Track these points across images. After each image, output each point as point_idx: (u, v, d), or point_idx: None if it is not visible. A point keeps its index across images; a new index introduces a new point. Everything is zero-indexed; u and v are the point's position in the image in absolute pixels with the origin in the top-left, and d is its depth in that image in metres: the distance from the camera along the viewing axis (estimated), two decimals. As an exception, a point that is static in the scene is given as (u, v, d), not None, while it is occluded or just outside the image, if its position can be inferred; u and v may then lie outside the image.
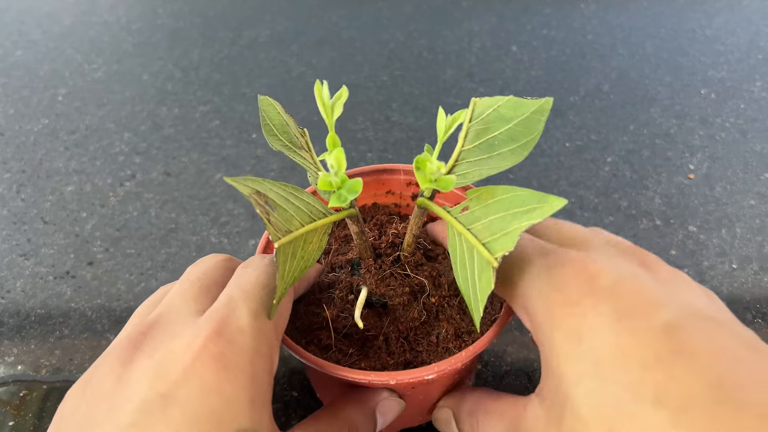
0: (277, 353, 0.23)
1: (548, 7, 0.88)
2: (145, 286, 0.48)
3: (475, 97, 0.27)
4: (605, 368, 0.19)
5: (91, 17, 0.87)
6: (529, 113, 0.26)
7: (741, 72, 0.73)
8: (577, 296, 0.21)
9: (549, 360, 0.21)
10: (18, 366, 0.42)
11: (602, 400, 0.18)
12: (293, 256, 0.23)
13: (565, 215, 0.54)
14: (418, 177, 0.24)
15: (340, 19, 0.85)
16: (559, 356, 0.20)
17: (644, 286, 0.21)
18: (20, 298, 0.47)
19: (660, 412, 0.17)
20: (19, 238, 0.52)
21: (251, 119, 0.66)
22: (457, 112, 0.26)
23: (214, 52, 0.78)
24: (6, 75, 0.74)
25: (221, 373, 0.19)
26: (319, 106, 0.25)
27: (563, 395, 0.20)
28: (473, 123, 0.27)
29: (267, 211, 0.23)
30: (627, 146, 0.62)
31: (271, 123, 0.29)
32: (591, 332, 0.20)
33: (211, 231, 0.52)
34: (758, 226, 0.52)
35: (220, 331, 0.21)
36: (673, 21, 0.84)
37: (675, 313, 0.19)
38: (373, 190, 0.37)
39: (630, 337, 0.19)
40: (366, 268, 0.29)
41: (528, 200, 0.22)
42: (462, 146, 0.27)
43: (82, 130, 0.65)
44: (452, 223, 0.25)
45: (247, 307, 0.22)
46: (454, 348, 0.28)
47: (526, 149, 0.26)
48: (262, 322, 0.22)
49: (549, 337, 0.21)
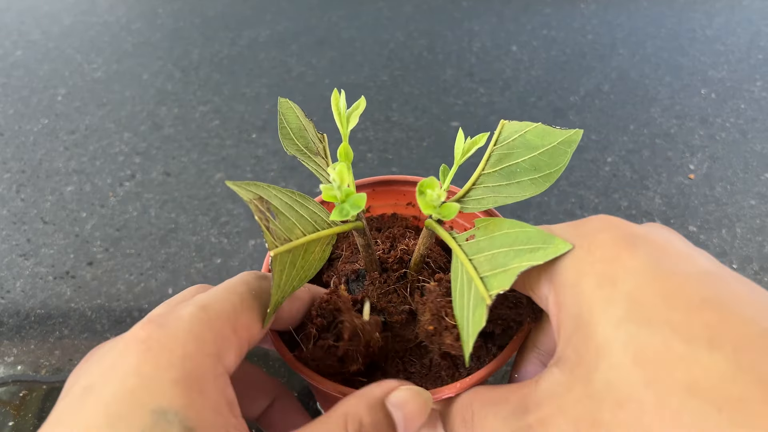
0: (231, 346, 0.21)
1: (548, 7, 0.88)
2: (144, 286, 0.48)
3: (504, 120, 0.26)
4: (648, 310, 0.17)
5: (91, 17, 0.87)
6: (556, 143, 0.25)
7: (741, 72, 0.73)
8: (608, 242, 0.19)
9: (575, 314, 0.19)
10: (18, 366, 0.42)
11: (647, 343, 0.17)
12: (292, 265, 0.23)
13: (565, 215, 0.54)
14: (420, 202, 0.23)
15: (340, 19, 0.85)
16: (591, 303, 0.18)
17: (674, 239, 0.20)
18: (20, 298, 0.47)
19: (716, 354, 0.16)
20: (19, 238, 0.52)
21: (251, 119, 0.66)
22: (477, 136, 0.25)
23: (214, 52, 0.78)
24: (6, 75, 0.74)
25: (142, 355, 0.19)
26: (335, 115, 0.25)
27: (595, 347, 0.18)
28: (497, 147, 0.26)
29: (267, 218, 0.22)
30: (627, 146, 0.62)
31: (288, 126, 0.29)
32: (627, 275, 0.18)
33: (211, 231, 0.52)
34: (758, 226, 0.52)
35: (151, 319, 0.20)
36: (673, 21, 0.84)
37: (710, 261, 0.19)
38: (394, 199, 0.37)
39: (671, 279, 0.18)
40: (371, 281, 0.29)
41: (534, 239, 0.21)
42: (482, 169, 0.26)
43: (81, 130, 0.65)
44: (456, 251, 0.24)
45: (199, 301, 0.21)
46: (446, 376, 0.27)
47: (548, 181, 0.25)
48: (211, 312, 0.21)
49: (575, 286, 0.19)
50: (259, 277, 0.24)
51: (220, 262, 0.50)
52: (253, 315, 0.22)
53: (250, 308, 0.22)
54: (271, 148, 0.61)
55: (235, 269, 0.49)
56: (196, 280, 0.48)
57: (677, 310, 0.17)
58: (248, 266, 0.49)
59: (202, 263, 0.50)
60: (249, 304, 0.22)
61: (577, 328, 0.19)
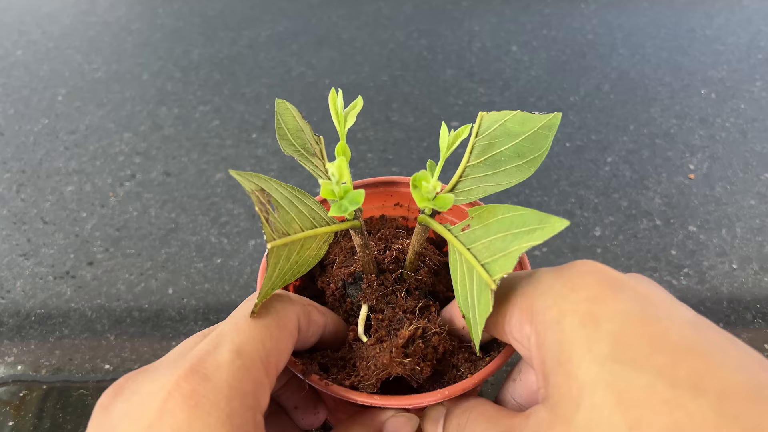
0: (265, 390, 0.22)
1: (548, 7, 0.88)
2: (145, 286, 0.48)
3: (482, 111, 0.27)
4: (633, 351, 0.17)
5: (91, 17, 0.87)
6: (536, 128, 0.25)
7: (741, 72, 0.73)
8: (593, 284, 0.20)
9: (556, 351, 0.19)
10: (18, 366, 0.42)
11: (631, 384, 0.16)
12: (286, 260, 0.23)
13: (565, 215, 0.54)
14: (415, 195, 0.24)
15: (340, 19, 0.85)
16: (573, 341, 0.18)
17: (658, 289, 0.20)
18: (20, 298, 0.47)
19: (700, 400, 0.16)
20: (19, 238, 0.52)
21: (251, 119, 0.66)
22: (461, 128, 0.25)
23: (214, 52, 0.78)
24: (6, 75, 0.74)
25: (192, 411, 0.19)
26: (332, 114, 0.25)
27: (577, 385, 0.18)
28: (479, 138, 0.26)
29: (267, 210, 0.22)
30: (627, 146, 0.62)
31: (285, 127, 0.29)
32: (612, 315, 0.18)
33: (211, 231, 0.52)
34: (758, 226, 0.52)
35: (194, 369, 0.20)
36: (673, 21, 0.84)
37: (691, 312, 0.19)
38: (381, 201, 0.37)
39: (656, 325, 0.18)
40: (368, 284, 0.28)
41: (529, 220, 0.22)
42: (467, 162, 0.26)
43: (82, 130, 0.65)
44: (452, 242, 0.24)
45: (231, 343, 0.21)
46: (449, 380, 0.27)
47: (533, 166, 0.25)
48: (246, 358, 0.21)
49: (557, 324, 0.19)
50: (285, 300, 0.24)
51: (220, 262, 0.50)
52: (280, 349, 0.23)
53: (277, 343, 0.22)
54: (271, 148, 0.61)
55: (235, 269, 0.49)
56: (196, 280, 0.48)
57: (662, 354, 0.17)
58: (248, 266, 0.49)
59: (202, 263, 0.50)
60: (276, 338, 0.22)
61: (559, 365, 0.19)
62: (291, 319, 0.24)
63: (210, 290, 0.48)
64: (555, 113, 0.25)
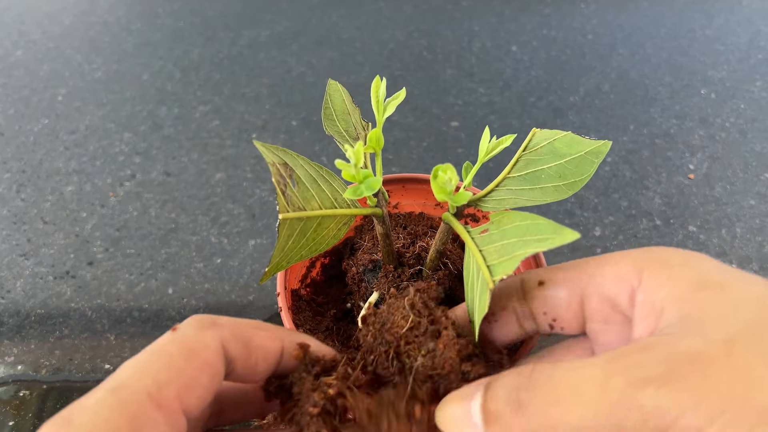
0: (156, 426, 0.19)
1: (548, 7, 0.88)
2: (144, 286, 0.48)
3: (535, 128, 0.27)
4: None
5: (91, 17, 0.87)
6: (583, 153, 0.26)
7: (741, 72, 0.73)
8: (703, 265, 0.22)
9: (641, 299, 0.21)
10: (18, 366, 0.42)
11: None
12: (301, 234, 0.23)
13: (565, 215, 0.54)
14: (433, 186, 0.24)
15: (340, 19, 0.85)
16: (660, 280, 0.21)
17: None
18: (20, 298, 0.47)
19: None
20: (19, 238, 0.52)
21: (251, 119, 0.66)
22: (504, 137, 0.25)
23: (214, 52, 0.78)
24: (6, 75, 0.74)
25: None
26: (373, 102, 0.25)
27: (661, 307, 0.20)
28: (526, 152, 0.27)
29: (286, 183, 0.23)
30: (627, 146, 0.62)
31: (332, 107, 0.29)
32: (693, 261, 0.21)
33: (211, 231, 0.52)
34: (758, 226, 0.52)
35: (61, 414, 0.19)
36: (673, 21, 0.84)
37: None
38: (423, 199, 0.37)
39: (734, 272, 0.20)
40: (385, 273, 0.29)
41: (544, 230, 0.22)
42: (508, 173, 0.27)
43: (82, 130, 0.65)
44: (468, 243, 0.25)
45: (111, 379, 0.19)
46: None
47: (572, 189, 0.25)
48: (124, 394, 0.19)
49: (640, 273, 0.21)
50: (204, 325, 0.21)
51: (220, 262, 0.50)
52: (186, 379, 0.19)
53: (179, 372, 0.19)
54: (271, 148, 0.61)
55: (235, 269, 0.49)
56: (196, 280, 0.48)
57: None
58: (248, 266, 0.49)
59: (202, 263, 0.50)
60: (178, 368, 0.19)
61: (701, 289, 0.21)
62: (207, 346, 0.20)
63: (210, 290, 0.48)
64: (605, 141, 0.26)
